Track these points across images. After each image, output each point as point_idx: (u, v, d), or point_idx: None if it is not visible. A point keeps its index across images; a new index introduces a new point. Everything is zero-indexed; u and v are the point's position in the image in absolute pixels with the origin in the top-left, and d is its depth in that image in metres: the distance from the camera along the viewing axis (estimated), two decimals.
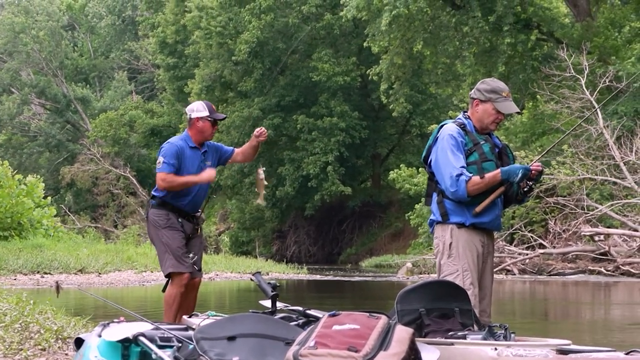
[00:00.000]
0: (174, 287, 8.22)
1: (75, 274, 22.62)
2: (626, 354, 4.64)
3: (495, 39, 31.84)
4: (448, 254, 6.35)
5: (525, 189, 6.55)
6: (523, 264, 27.05)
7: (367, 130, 45.67)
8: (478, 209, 6.34)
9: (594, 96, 27.21)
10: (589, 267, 25.72)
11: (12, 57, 62.74)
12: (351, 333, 4.13)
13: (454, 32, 33.32)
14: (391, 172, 36.69)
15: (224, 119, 8.94)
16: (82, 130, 63.05)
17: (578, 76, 28.15)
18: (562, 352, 4.75)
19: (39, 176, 33.16)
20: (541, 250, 26.74)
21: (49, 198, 32.57)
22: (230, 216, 54.05)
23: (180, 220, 8.31)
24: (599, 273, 25.04)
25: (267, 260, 34.38)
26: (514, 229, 28.01)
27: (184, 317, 6.25)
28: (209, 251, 43.74)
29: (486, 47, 32.37)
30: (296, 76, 45.73)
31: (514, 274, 26.42)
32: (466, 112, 6.68)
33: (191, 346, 4.43)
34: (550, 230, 27.33)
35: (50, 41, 62.45)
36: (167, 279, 8.37)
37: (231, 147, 8.91)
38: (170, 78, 53.55)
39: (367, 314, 4.32)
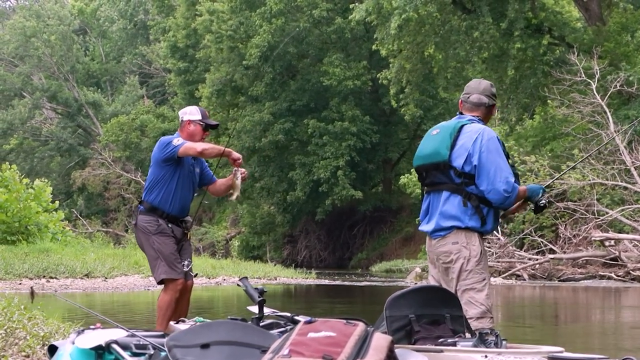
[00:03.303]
0: (168, 293, 8.17)
1: (81, 278, 22.52)
2: None
3: (505, 44, 31.67)
4: (477, 261, 6.18)
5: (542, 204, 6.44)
6: (533, 269, 26.92)
7: (378, 134, 45.57)
8: (508, 212, 6.40)
9: (604, 101, 27.06)
10: (599, 273, 25.55)
11: (23, 62, 63.05)
12: (327, 341, 3.97)
13: (464, 37, 33.13)
14: (402, 176, 36.56)
15: (217, 126, 8.82)
16: (94, 135, 63.28)
17: (589, 80, 28.00)
18: (554, 359, 4.61)
19: (47, 180, 33.08)
20: (551, 256, 26.61)
21: (57, 202, 32.45)
22: (241, 220, 54.00)
23: (170, 225, 8.20)
24: (610, 278, 24.89)
25: (275, 264, 34.23)
26: (524, 233, 27.86)
27: (171, 323, 6.12)
28: (217, 256, 43.68)
29: (496, 52, 32.23)
30: (307, 80, 45.65)
31: (524, 279, 26.28)
32: (462, 113, 6.43)
33: (164, 354, 4.29)
34: (561, 235, 27.18)
35: (61, 45, 62.69)
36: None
37: (213, 175, 8.77)
38: (181, 82, 53.61)
39: (344, 320, 4.17)
